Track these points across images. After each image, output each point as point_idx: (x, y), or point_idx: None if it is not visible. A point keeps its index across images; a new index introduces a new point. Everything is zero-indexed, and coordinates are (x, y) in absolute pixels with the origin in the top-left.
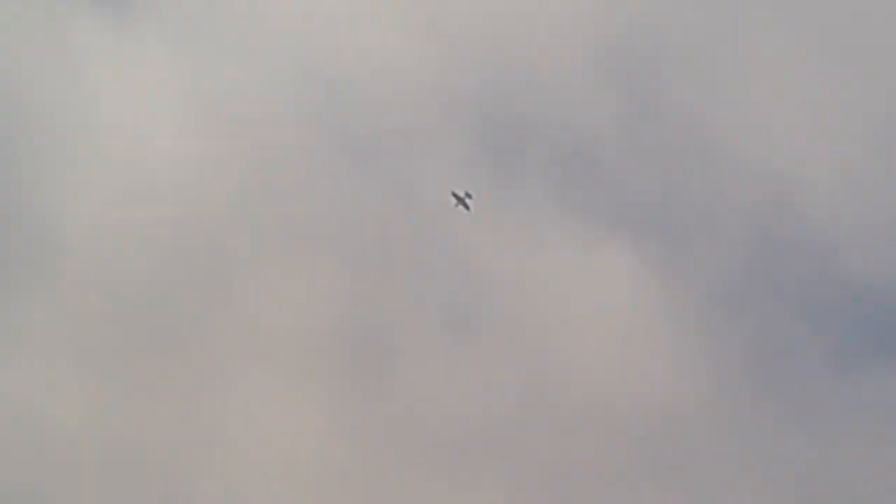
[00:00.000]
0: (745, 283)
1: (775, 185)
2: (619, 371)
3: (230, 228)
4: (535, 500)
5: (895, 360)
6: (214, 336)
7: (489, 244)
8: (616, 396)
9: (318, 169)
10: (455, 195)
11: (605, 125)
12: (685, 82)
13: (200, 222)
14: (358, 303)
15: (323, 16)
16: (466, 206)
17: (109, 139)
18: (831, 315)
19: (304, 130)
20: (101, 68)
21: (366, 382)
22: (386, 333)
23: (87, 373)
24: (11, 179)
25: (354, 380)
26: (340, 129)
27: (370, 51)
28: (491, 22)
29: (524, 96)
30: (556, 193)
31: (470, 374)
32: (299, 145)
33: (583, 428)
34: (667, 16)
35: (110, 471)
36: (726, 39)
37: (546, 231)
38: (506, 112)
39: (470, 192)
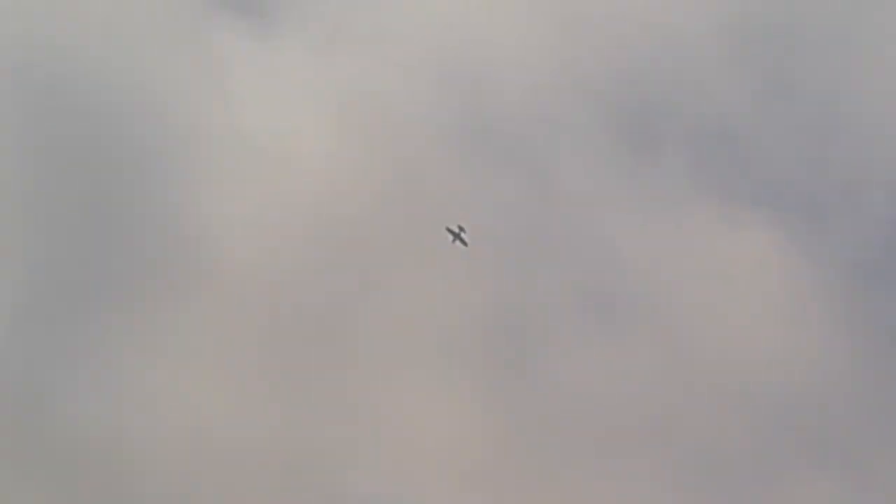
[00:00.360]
0: (888, 255)
1: None
2: (765, 350)
3: (376, 227)
4: (686, 485)
5: None
6: (364, 334)
7: (630, 229)
8: (762, 376)
9: (460, 164)
10: (450, 231)
11: (741, 102)
12: (820, 55)
13: (346, 222)
14: (503, 294)
15: (458, 14)
16: (463, 241)
17: (254, 144)
18: None
19: (444, 127)
20: (243, 75)
21: (514, 373)
22: (531, 323)
23: (241, 374)
24: (160, 187)
25: (502, 371)
26: (480, 124)
27: (504, 46)
28: (621, 5)
29: (657, 78)
30: (694, 174)
31: (616, 360)
32: (440, 142)
33: (731, 409)
34: None
35: (266, 469)
36: (862, 10)
37: (687, 212)
38: (640, 96)
39: (463, 225)
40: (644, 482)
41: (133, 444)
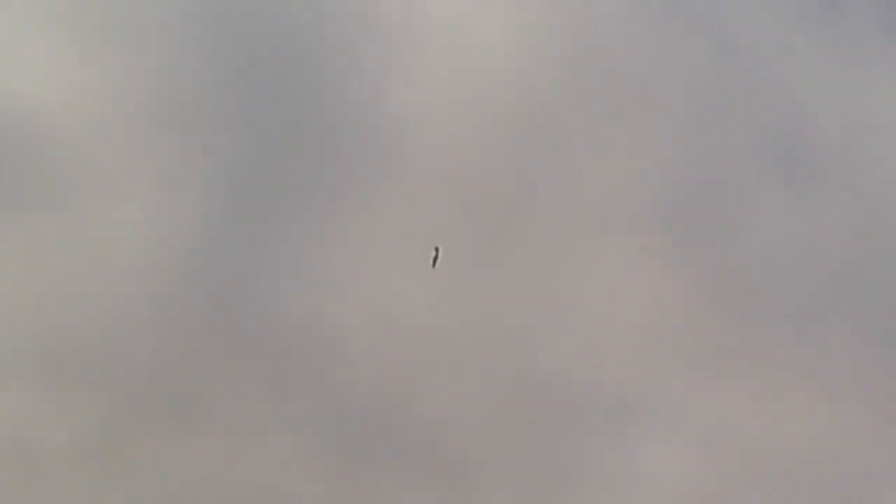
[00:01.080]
0: None
1: None
2: None
3: (560, 104)
4: (882, 346)
5: None
6: (552, 210)
7: (818, 82)
8: None
9: (641, 32)
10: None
11: None
12: None
13: (529, 100)
14: (689, 158)
15: None
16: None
17: (436, 24)
18: None
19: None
20: None
21: (702, 237)
22: (720, 186)
23: (431, 256)
24: (344, 80)
25: (688, 239)
26: None
27: None
28: None
29: None
30: (883, 21)
31: (807, 224)
32: (618, 14)
33: None
34: None
35: (460, 351)
36: None
37: (876, 62)
38: None
39: (438, 247)
40: (842, 343)
41: (334, 336)
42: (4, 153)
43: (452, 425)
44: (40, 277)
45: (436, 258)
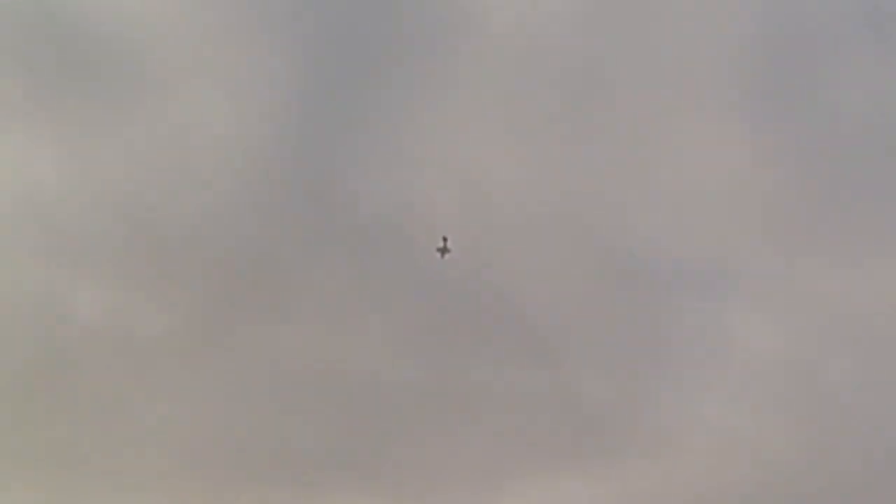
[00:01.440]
0: None
1: None
2: None
3: None
4: None
5: None
6: (638, 84)
7: None
8: None
9: None
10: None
11: None
12: None
13: None
14: (771, 22)
15: None
16: (445, 251)
17: None
18: None
19: None
20: None
21: (786, 105)
22: (802, 50)
23: (518, 132)
24: None
25: (774, 104)
26: None
27: None
28: None
29: None
30: None
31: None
32: None
33: None
34: None
35: (554, 225)
36: None
37: None
38: None
39: (446, 237)
40: None
41: (424, 215)
42: (102, 51)
43: (544, 300)
44: (133, 172)
45: (444, 249)
